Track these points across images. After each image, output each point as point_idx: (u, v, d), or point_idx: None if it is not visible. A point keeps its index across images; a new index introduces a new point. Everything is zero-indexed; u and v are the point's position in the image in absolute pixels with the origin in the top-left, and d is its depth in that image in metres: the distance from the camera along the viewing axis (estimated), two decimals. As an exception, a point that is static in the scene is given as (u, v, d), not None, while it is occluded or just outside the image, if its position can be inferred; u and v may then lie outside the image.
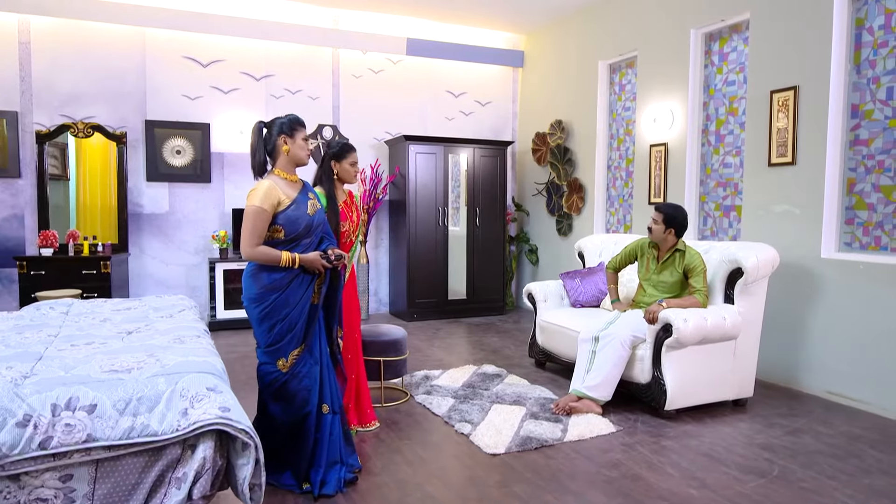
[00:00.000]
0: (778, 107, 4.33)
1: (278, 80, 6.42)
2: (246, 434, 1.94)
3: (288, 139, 2.71)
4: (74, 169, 5.91)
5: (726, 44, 4.92)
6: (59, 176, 5.89)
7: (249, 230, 2.59)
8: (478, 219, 6.83)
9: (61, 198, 5.82)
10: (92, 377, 1.94)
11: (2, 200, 5.51)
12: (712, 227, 5.07)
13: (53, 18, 5.53)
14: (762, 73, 4.47)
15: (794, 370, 4.24)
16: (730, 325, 3.62)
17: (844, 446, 3.23)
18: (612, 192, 6.23)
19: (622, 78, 6.07)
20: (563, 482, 2.78)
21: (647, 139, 5.54)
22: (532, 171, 7.35)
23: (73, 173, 5.90)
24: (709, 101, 5.08)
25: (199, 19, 5.93)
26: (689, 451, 3.14)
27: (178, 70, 6.02)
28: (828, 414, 3.74)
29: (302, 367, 2.70)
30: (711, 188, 5.07)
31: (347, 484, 2.72)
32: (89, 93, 5.72)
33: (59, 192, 5.80)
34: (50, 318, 2.89)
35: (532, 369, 4.66)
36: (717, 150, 5.02)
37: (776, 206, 4.38)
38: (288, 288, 2.66)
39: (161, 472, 1.90)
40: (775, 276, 4.28)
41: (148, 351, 2.22)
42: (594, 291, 4.61)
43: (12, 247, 5.53)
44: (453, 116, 7.25)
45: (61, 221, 5.73)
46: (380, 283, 7.05)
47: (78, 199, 5.86)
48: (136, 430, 1.86)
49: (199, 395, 1.94)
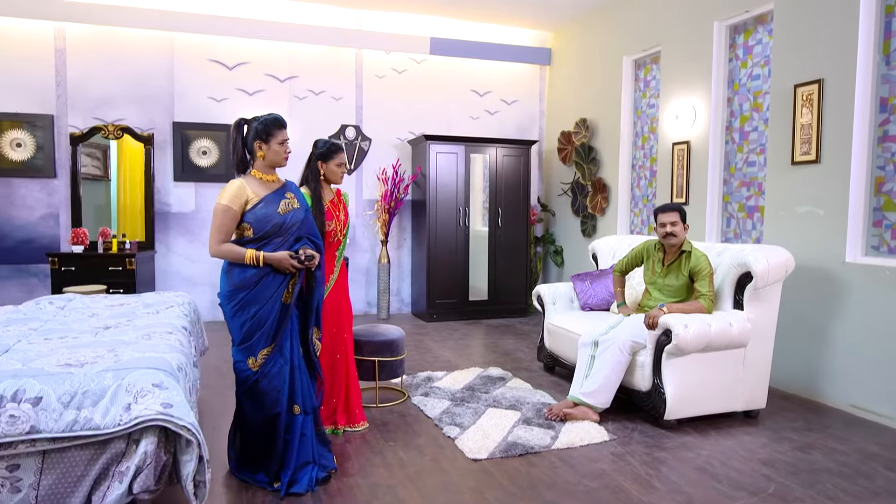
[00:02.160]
0: (802, 101, 4.08)
1: (302, 82, 6.51)
2: (188, 431, 1.94)
3: (263, 144, 2.71)
4: (116, 170, 6.17)
5: (751, 36, 4.68)
6: (101, 177, 6.17)
7: (216, 228, 2.62)
8: (500, 219, 6.74)
9: (102, 197, 6.09)
10: (45, 370, 1.99)
11: (38, 200, 5.79)
12: (735, 229, 4.83)
13: (87, 25, 5.78)
14: (786, 66, 4.22)
15: (815, 381, 3.99)
16: (737, 332, 3.43)
17: (856, 465, 3.00)
18: (637, 192, 6.03)
19: (647, 74, 5.87)
20: (540, 491, 2.68)
21: (669, 137, 5.34)
22: (559, 170, 7.20)
23: (113, 174, 6.17)
24: (733, 96, 4.84)
25: (224, 23, 6.08)
26: (683, 463, 2.99)
27: (205, 73, 6.19)
28: (847, 429, 3.49)
29: (272, 366, 2.69)
30: (735, 188, 4.83)
31: (320, 483, 2.71)
32: (120, 96, 5.95)
33: (101, 192, 6.07)
34: (44, 312, 3.00)
35: (539, 373, 4.55)
36: (741, 147, 4.77)
37: (799, 206, 4.13)
38: (257, 286, 2.66)
39: (105, 466, 1.93)
40: (796, 281, 4.04)
41: (111, 346, 2.27)
42: (604, 294, 4.46)
43: (47, 244, 5.80)
44: (478, 116, 7.18)
45: (99, 220, 5.98)
46: (402, 282, 7.05)
47: (119, 199, 6.11)
48: (79, 424, 1.89)
49: (144, 390, 1.96)
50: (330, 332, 3.36)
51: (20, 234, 5.74)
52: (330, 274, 3.37)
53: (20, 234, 5.74)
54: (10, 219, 5.71)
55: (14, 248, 5.72)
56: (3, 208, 5.69)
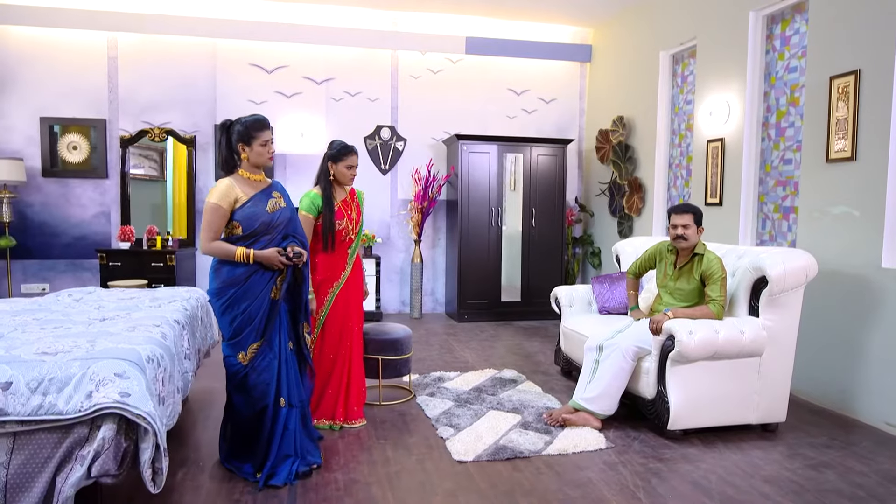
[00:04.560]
0: (837, 94, 3.80)
1: (338, 84, 6.64)
2: (143, 420, 2.02)
3: (245, 146, 2.80)
4: (171, 171, 6.54)
5: (788, 25, 4.39)
6: (157, 177, 6.54)
7: (206, 226, 2.72)
8: (534, 219, 6.63)
9: (159, 197, 6.46)
10: (21, 357, 2.12)
11: (92, 199, 6.18)
12: (770, 231, 4.55)
13: (137, 34, 6.12)
14: (821, 57, 3.94)
15: (849, 395, 3.70)
16: (749, 339, 3.23)
17: (872, 487, 2.76)
18: (673, 192, 5.79)
19: (684, 69, 5.62)
20: (515, 497, 2.62)
21: (704, 134, 5.09)
22: (597, 170, 7.02)
23: (169, 175, 6.53)
24: (769, 90, 4.56)
25: (264, 28, 6.29)
26: (677, 477, 2.84)
27: (245, 77, 6.42)
28: (876, 448, 3.22)
29: (261, 360, 2.77)
30: (770, 187, 4.55)
31: (300, 476, 2.76)
32: (166, 100, 6.26)
33: (157, 191, 6.45)
34: (58, 304, 3.20)
35: (556, 377, 4.45)
36: (777, 144, 4.49)
37: (833, 207, 3.85)
38: (246, 283, 2.74)
39: (69, 449, 2.03)
40: (829, 287, 3.77)
41: (93, 337, 2.39)
42: (622, 298, 4.31)
43: (99, 240, 6.18)
44: (515, 115, 7.10)
45: (156, 219, 6.33)
46: (437, 282, 7.07)
47: (173, 199, 6.46)
48: (44, 409, 2.00)
49: (106, 379, 2.05)
50: (339, 327, 3.41)
51: (76, 231, 6.14)
52: (342, 270, 3.42)
53: (76, 231, 6.14)
54: (67, 217, 6.12)
55: (70, 244, 6.13)
56: (61, 207, 6.11)
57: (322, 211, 3.31)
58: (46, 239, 6.08)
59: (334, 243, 3.32)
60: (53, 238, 6.09)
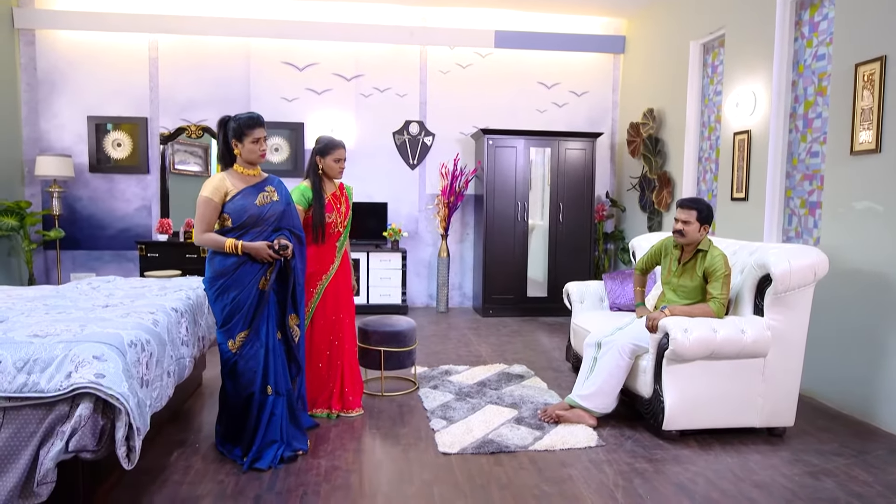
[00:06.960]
0: (863, 82, 3.58)
1: (367, 80, 6.74)
2: (116, 400, 2.15)
3: (238, 143, 2.90)
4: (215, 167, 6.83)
5: (817, 11, 4.17)
6: (202, 173, 6.85)
7: (199, 218, 2.85)
8: (561, 214, 6.55)
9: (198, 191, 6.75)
10: (14, 339, 2.29)
11: (135, 193, 6.52)
12: (797, 227, 4.34)
13: (177, 36, 6.40)
14: (847, 43, 3.72)
15: (869, 401, 3.50)
16: (751, 340, 3.10)
17: (872, 498, 2.61)
18: (702, 186, 5.59)
19: (714, 59, 5.41)
20: (490, 491, 2.62)
21: (731, 126, 4.90)
22: (629, 164, 6.86)
23: (213, 171, 6.82)
24: (797, 79, 4.34)
25: (296, 27, 6.45)
26: (661, 478, 2.77)
27: (278, 75, 6.61)
28: (890, 457, 3.04)
29: (249, 349, 2.88)
30: (797, 182, 4.34)
31: (285, 461, 2.85)
32: (203, 98, 6.52)
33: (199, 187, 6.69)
34: (75, 291, 3.41)
35: (566, 374, 4.40)
36: (805, 136, 4.27)
37: (858, 202, 3.63)
38: (235, 272, 2.85)
39: (51, 425, 2.18)
40: (850, 287, 3.58)
41: (86, 321, 2.54)
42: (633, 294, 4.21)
43: (140, 232, 6.52)
44: (545, 108, 7.01)
45: (189, 212, 6.61)
46: (464, 277, 7.09)
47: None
48: (27, 387, 2.16)
49: (85, 361, 2.18)
50: (329, 319, 3.49)
51: (120, 224, 6.50)
52: (330, 263, 3.51)
53: (120, 224, 6.50)
54: (112, 210, 6.48)
55: (115, 236, 6.49)
56: (107, 201, 6.47)
57: (312, 204, 3.39)
58: (93, 231, 6.45)
59: (324, 235, 3.40)
60: (100, 230, 6.46)
